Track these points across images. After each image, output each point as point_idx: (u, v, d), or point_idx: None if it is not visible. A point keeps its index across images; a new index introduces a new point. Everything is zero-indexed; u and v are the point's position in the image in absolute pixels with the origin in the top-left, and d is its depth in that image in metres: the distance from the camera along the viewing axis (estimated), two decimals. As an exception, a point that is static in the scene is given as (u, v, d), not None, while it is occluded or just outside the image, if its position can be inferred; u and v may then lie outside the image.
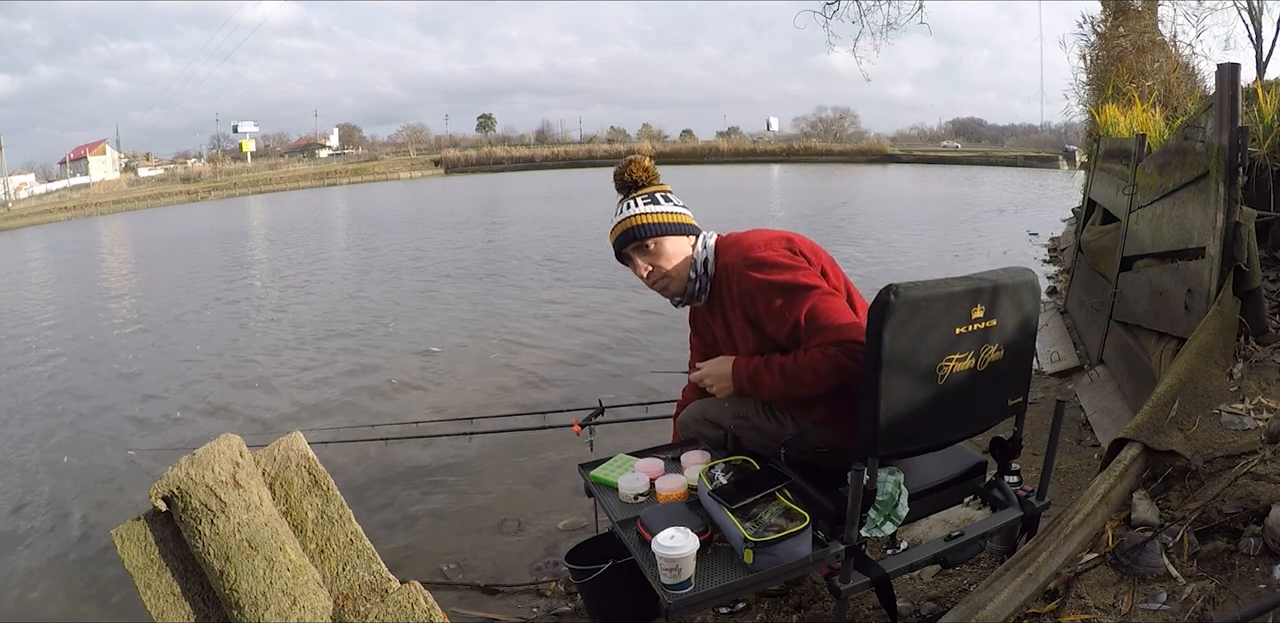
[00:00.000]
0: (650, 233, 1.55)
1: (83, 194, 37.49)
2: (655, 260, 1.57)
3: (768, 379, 1.48)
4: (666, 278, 1.57)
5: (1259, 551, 1.40)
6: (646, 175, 1.61)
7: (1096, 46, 8.17)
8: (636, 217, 1.57)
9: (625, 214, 1.58)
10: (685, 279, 1.57)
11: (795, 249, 1.49)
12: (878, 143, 52.04)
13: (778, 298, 1.43)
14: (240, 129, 54.76)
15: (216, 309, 8.25)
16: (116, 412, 4.93)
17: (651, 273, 1.58)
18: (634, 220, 1.57)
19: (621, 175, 1.61)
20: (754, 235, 1.56)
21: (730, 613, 1.90)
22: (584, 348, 5.83)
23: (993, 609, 1.34)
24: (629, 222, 1.57)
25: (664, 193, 1.62)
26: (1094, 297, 4.19)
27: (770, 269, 1.44)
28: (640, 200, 1.58)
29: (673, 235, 1.57)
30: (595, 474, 1.73)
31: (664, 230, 1.56)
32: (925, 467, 1.59)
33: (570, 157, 52.58)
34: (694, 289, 1.58)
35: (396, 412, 4.46)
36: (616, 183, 1.62)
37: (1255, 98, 3.16)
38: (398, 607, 1.27)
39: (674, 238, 1.57)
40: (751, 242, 1.52)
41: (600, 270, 9.45)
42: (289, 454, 1.35)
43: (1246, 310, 2.30)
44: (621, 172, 1.61)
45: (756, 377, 1.50)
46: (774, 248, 1.47)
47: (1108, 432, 2.76)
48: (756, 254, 1.47)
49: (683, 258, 1.57)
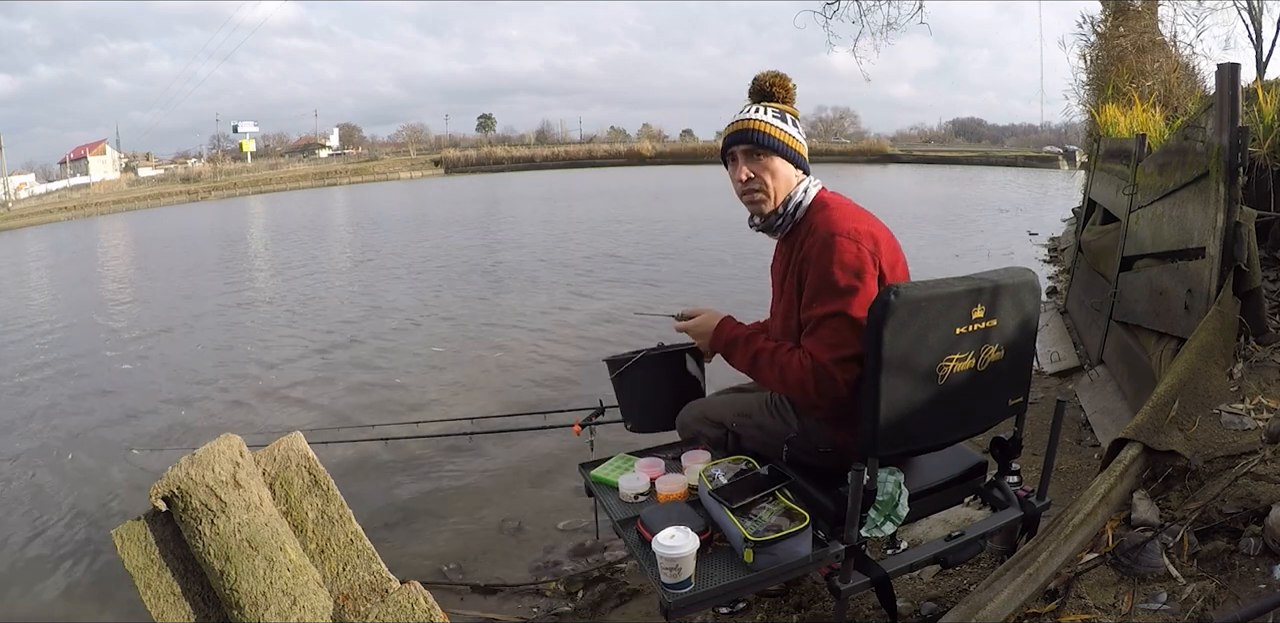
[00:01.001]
0: (767, 144, 1.48)
1: (83, 194, 37.48)
2: (760, 172, 1.50)
3: (739, 355, 1.50)
4: (762, 193, 1.50)
5: (1259, 551, 1.40)
6: (785, 93, 1.55)
7: (1096, 46, 8.17)
8: (761, 123, 1.49)
9: (750, 115, 1.50)
10: (777, 204, 1.51)
11: (877, 253, 1.40)
12: (878, 143, 52.06)
13: (821, 289, 1.39)
14: (240, 129, 54.79)
15: (217, 309, 8.25)
16: (117, 412, 4.93)
17: (751, 181, 1.50)
18: (757, 125, 1.49)
19: (762, 82, 1.54)
20: (853, 215, 1.47)
21: (730, 613, 1.90)
22: (585, 348, 5.83)
23: (993, 609, 1.34)
24: (751, 124, 1.49)
25: (795, 117, 1.54)
26: (1094, 297, 4.18)
27: (838, 263, 1.37)
28: (770, 112, 1.51)
29: (786, 160, 1.50)
30: (596, 474, 1.73)
31: (781, 150, 1.49)
32: (925, 467, 1.59)
33: (570, 156, 52.59)
34: (774, 221, 1.53)
35: (397, 412, 4.46)
36: (752, 87, 1.56)
37: (1255, 98, 3.16)
38: (398, 607, 1.27)
39: (785, 162, 1.51)
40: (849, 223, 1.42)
41: (602, 271, 9.46)
42: (289, 454, 1.35)
43: (1246, 310, 2.30)
44: (763, 79, 1.54)
45: (731, 347, 1.52)
46: (861, 242, 1.38)
47: (1108, 432, 2.76)
48: (840, 240, 1.38)
49: (785, 183, 1.50)
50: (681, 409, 1.81)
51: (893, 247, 1.47)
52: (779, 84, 1.54)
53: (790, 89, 1.55)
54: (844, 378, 1.35)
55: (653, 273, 9.20)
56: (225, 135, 55.78)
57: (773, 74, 1.55)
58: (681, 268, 9.54)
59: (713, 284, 8.34)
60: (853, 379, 1.35)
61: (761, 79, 1.55)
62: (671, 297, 7.66)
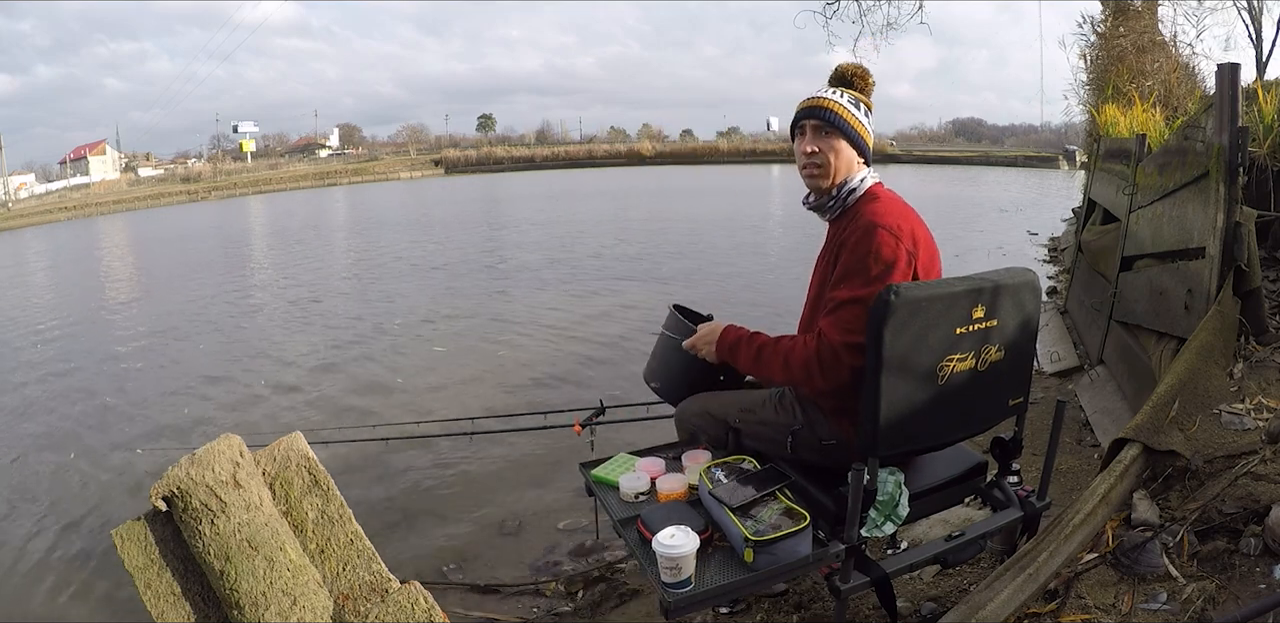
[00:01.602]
0: (837, 124, 1.52)
1: (83, 194, 37.44)
2: (825, 148, 1.54)
3: (744, 352, 1.53)
4: (821, 169, 1.54)
5: (1259, 551, 1.40)
6: (863, 83, 1.59)
7: (1096, 46, 8.17)
8: (836, 104, 1.53)
9: (827, 95, 1.55)
10: (833, 183, 1.55)
11: (915, 252, 1.42)
12: (878, 143, 51.86)
13: (850, 274, 1.41)
14: (240, 129, 54.71)
15: (217, 309, 8.25)
16: (117, 411, 4.93)
17: (815, 154, 1.54)
18: (831, 105, 1.53)
19: (844, 71, 1.58)
20: (901, 211, 1.50)
21: (730, 613, 1.90)
22: (586, 348, 5.83)
23: (993, 609, 1.34)
24: (825, 102, 1.54)
25: (869, 108, 1.58)
26: (1094, 297, 4.19)
27: (874, 253, 1.39)
28: (846, 96, 1.56)
29: (851, 144, 1.54)
30: (596, 473, 1.73)
31: (848, 133, 1.53)
32: (926, 467, 1.59)
33: (570, 156, 52.53)
34: (826, 201, 1.57)
35: (397, 412, 4.47)
36: (834, 74, 1.60)
37: (1255, 98, 3.16)
38: (398, 607, 1.27)
39: (849, 145, 1.55)
40: (894, 218, 1.45)
41: (603, 271, 9.46)
42: (289, 454, 1.36)
43: (1246, 310, 2.30)
44: (846, 68, 1.59)
45: (736, 347, 1.56)
46: (901, 238, 1.41)
47: (1108, 432, 2.76)
48: (881, 232, 1.41)
49: (846, 164, 1.54)
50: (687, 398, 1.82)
51: (931, 250, 1.48)
52: (859, 74, 1.59)
53: (870, 82, 1.60)
54: (850, 363, 1.36)
55: (653, 273, 9.20)
56: (225, 135, 55.77)
57: (856, 65, 1.59)
58: (686, 267, 9.55)
59: (717, 282, 8.35)
60: (858, 368, 1.36)
61: (844, 68, 1.60)
62: (675, 296, 7.67)
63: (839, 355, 1.37)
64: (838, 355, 1.37)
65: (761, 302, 7.24)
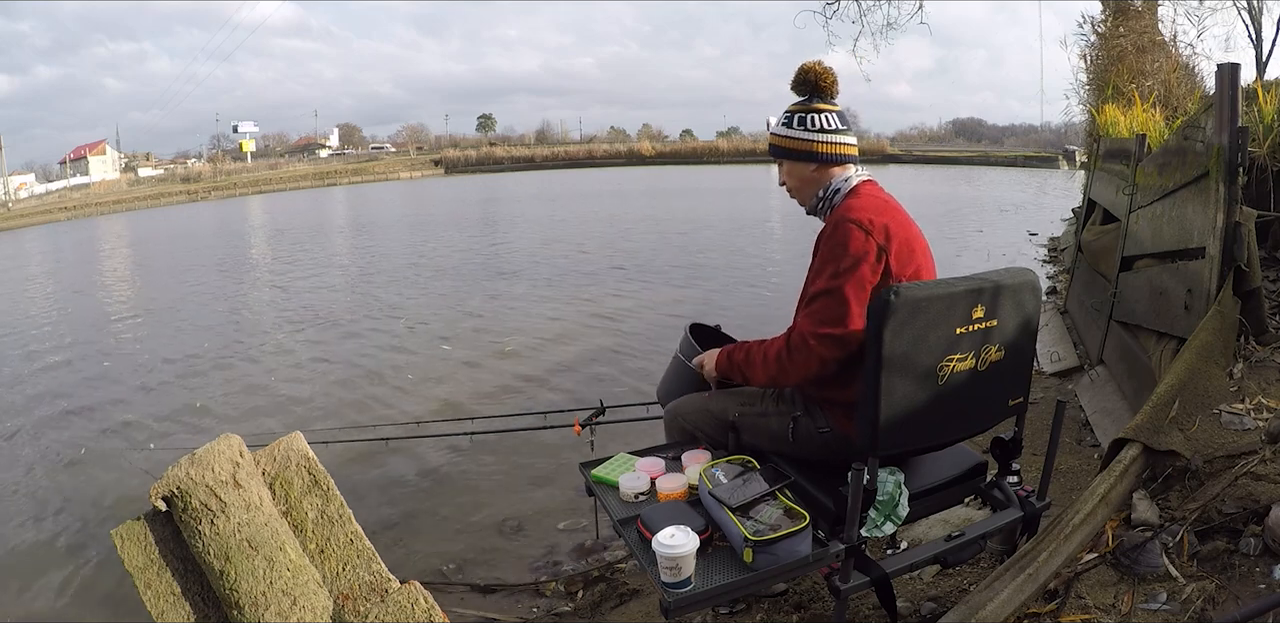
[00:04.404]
0: (778, 154, 1.65)
1: (83, 194, 37.43)
2: (784, 176, 1.68)
3: (736, 360, 1.61)
4: (793, 192, 1.68)
5: (1259, 551, 1.40)
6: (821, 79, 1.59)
7: (1096, 46, 8.16)
8: (773, 136, 1.66)
9: (770, 130, 1.69)
10: (807, 196, 1.65)
11: (886, 248, 1.44)
12: (878, 143, 51.99)
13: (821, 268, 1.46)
14: (240, 129, 54.72)
15: (218, 309, 8.26)
16: (117, 412, 4.93)
17: (783, 184, 1.69)
18: (771, 138, 1.68)
19: (804, 74, 1.61)
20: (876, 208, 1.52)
21: (730, 613, 1.90)
22: (586, 349, 5.84)
23: (993, 609, 1.34)
24: (769, 138, 1.68)
25: (811, 113, 1.59)
26: (1094, 297, 4.18)
27: (841, 245, 1.43)
28: (777, 119, 1.66)
29: (791, 160, 1.63)
30: (596, 473, 1.73)
31: (784, 154, 1.64)
32: (926, 467, 1.59)
33: (570, 156, 52.55)
34: (814, 206, 1.66)
35: (397, 412, 4.47)
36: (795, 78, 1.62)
37: (1255, 98, 3.16)
38: (398, 607, 1.27)
39: (795, 162, 1.63)
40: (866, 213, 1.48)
41: (604, 272, 9.46)
42: (289, 454, 1.35)
43: (1246, 310, 2.30)
44: (804, 70, 1.61)
45: (731, 361, 1.63)
46: (871, 233, 1.43)
47: (1108, 432, 2.76)
48: (850, 226, 1.45)
49: (802, 180, 1.63)
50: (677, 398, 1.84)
51: (909, 245, 1.49)
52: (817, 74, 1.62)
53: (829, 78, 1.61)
54: (821, 353, 1.42)
55: (653, 273, 9.20)
56: (225, 135, 55.81)
57: (809, 66, 1.62)
58: (686, 267, 9.54)
59: (718, 282, 8.35)
60: (831, 359, 1.42)
61: (800, 72, 1.63)
62: (675, 297, 7.67)
63: (809, 345, 1.42)
64: (808, 345, 1.42)
65: (762, 302, 7.25)
